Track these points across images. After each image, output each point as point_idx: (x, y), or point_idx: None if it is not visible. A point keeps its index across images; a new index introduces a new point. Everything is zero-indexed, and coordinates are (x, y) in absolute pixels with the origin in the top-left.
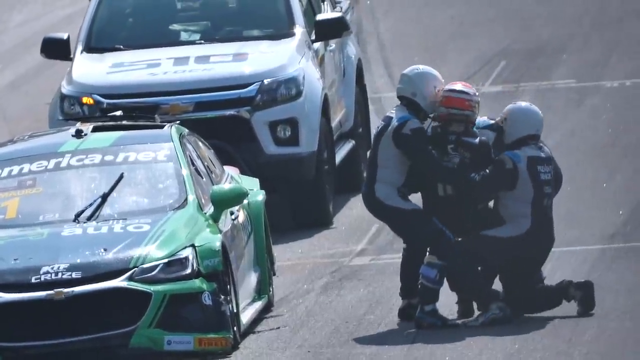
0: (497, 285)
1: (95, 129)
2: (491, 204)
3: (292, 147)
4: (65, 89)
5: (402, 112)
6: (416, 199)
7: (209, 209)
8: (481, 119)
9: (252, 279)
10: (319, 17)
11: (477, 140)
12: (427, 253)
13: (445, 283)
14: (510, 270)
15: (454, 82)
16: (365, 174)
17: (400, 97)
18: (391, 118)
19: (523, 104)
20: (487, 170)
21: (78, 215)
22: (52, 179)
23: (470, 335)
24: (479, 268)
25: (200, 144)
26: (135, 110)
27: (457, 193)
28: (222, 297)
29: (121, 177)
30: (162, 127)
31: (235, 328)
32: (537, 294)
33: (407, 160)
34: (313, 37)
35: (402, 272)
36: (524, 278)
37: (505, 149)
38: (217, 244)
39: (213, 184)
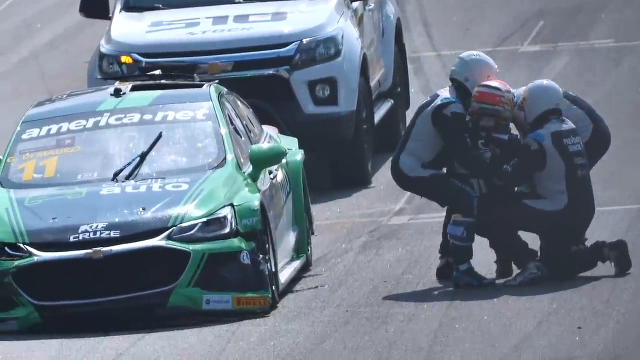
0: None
1: (134, 88)
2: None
3: (330, 106)
4: (104, 47)
5: (451, 93)
6: None
7: (248, 168)
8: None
9: (291, 238)
10: None
11: (507, 136)
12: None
13: (485, 241)
14: (549, 239)
15: (490, 79)
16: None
17: (452, 79)
18: (437, 96)
19: (543, 81)
20: (516, 159)
21: (116, 174)
22: (91, 137)
23: (508, 294)
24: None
25: (239, 103)
26: (174, 69)
27: (489, 188)
28: (261, 256)
29: (160, 136)
30: (201, 86)
31: (273, 287)
32: (571, 257)
33: (440, 141)
34: None
35: (444, 230)
36: (561, 246)
37: (529, 130)
38: (256, 203)
39: (252, 143)
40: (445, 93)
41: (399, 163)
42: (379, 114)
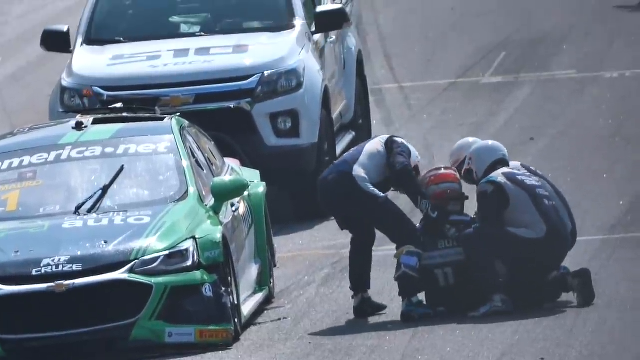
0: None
1: (95, 121)
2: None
3: (292, 138)
4: (66, 81)
5: None
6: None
7: (210, 201)
8: None
9: (253, 270)
10: (319, 8)
11: (469, 217)
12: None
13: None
14: (520, 268)
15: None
16: (344, 156)
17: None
18: None
19: (487, 141)
20: (479, 211)
21: (79, 207)
22: (53, 171)
23: (471, 325)
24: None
25: (200, 135)
26: (135, 102)
27: (458, 278)
28: (223, 288)
29: (121, 169)
30: (162, 119)
31: (236, 320)
32: (536, 287)
33: (386, 171)
34: (313, 29)
35: (351, 265)
36: (531, 276)
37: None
38: (218, 236)
39: (214, 176)
40: None
41: (351, 172)
42: (340, 146)
